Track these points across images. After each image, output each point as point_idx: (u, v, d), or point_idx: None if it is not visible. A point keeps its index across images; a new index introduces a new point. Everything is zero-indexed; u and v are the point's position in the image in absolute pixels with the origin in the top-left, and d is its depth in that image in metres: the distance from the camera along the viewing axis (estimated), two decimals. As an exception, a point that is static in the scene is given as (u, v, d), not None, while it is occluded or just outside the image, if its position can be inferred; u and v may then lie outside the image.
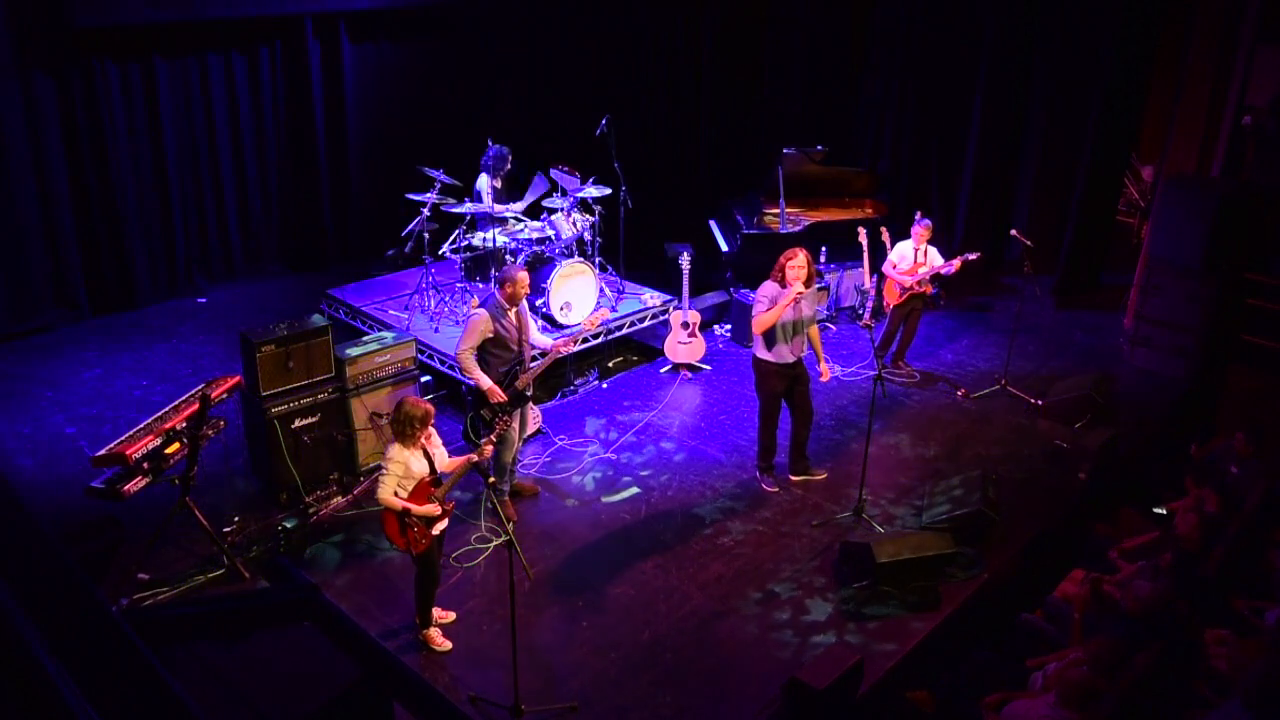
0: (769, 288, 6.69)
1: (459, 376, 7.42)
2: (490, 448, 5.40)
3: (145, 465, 5.71)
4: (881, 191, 10.77)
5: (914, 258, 8.51)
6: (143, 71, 9.34)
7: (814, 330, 6.97)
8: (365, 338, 7.38)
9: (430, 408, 5.29)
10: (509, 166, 8.87)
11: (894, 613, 5.93)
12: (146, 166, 9.61)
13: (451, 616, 5.77)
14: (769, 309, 6.60)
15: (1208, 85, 8.85)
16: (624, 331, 8.85)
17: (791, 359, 6.79)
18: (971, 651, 5.60)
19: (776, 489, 7.14)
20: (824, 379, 7.15)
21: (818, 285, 7.01)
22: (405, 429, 5.20)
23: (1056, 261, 10.67)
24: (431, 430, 5.35)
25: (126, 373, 8.59)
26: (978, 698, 5.21)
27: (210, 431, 6.11)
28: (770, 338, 6.71)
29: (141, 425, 5.92)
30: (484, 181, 8.75)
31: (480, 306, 6.38)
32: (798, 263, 6.58)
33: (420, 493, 5.26)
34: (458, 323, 8.36)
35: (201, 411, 5.95)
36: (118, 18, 8.79)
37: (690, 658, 5.57)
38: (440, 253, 8.77)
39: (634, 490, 6.94)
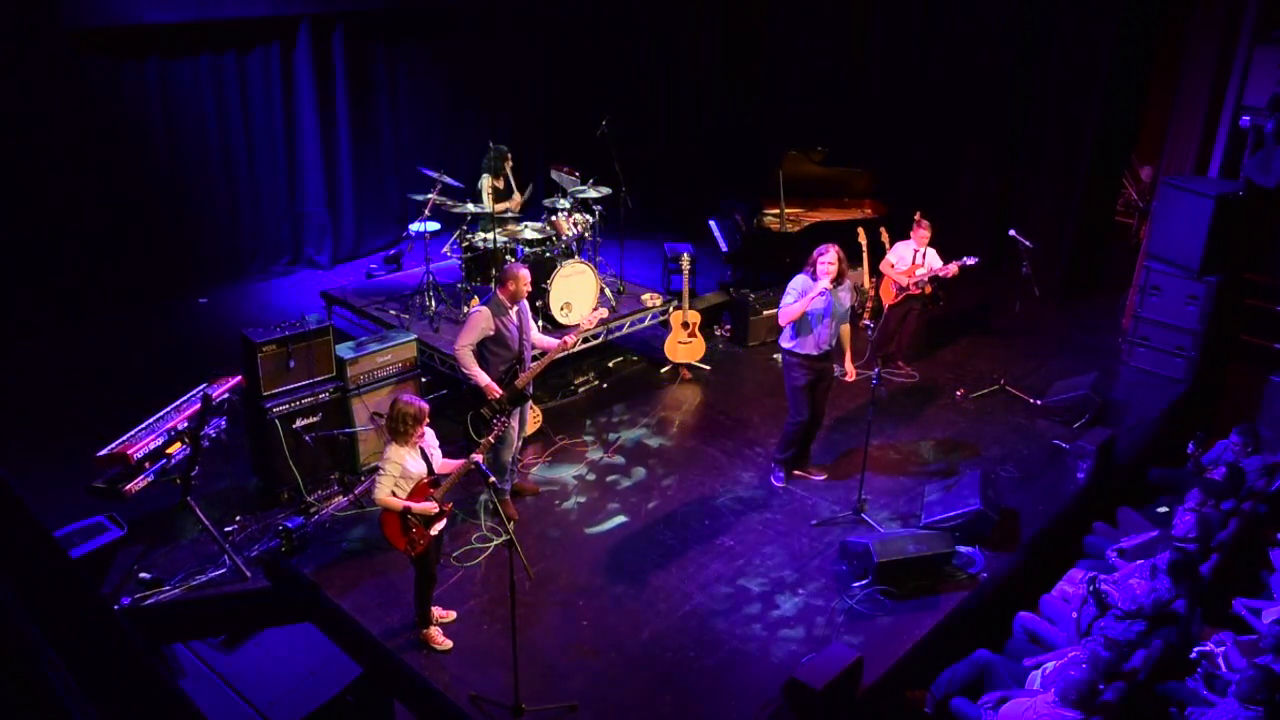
0: (798, 281, 6.72)
1: (459, 377, 7.42)
2: (489, 446, 5.41)
3: (146, 465, 5.72)
4: (881, 191, 10.78)
5: (913, 259, 8.52)
6: (142, 72, 9.35)
7: (845, 329, 6.95)
8: (365, 337, 7.39)
9: (424, 405, 5.30)
10: (510, 166, 8.88)
11: (893, 613, 5.94)
12: (146, 167, 9.61)
13: (452, 616, 5.78)
14: (796, 301, 6.62)
15: (1207, 85, 8.85)
16: (624, 331, 8.85)
17: (816, 351, 6.75)
18: (971, 651, 5.60)
19: (784, 485, 7.15)
20: (848, 379, 7.12)
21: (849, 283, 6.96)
22: (400, 428, 5.20)
23: (1056, 261, 10.67)
24: (428, 430, 5.36)
25: (127, 372, 8.59)
26: (977, 698, 5.23)
27: (211, 431, 6.12)
28: (797, 328, 6.72)
29: (142, 425, 5.93)
30: (485, 182, 8.76)
31: (481, 304, 6.39)
32: (828, 259, 6.58)
33: (419, 493, 5.26)
34: (458, 323, 8.36)
35: (202, 411, 5.96)
36: (117, 18, 8.79)
37: (690, 657, 5.58)
38: (441, 253, 8.78)
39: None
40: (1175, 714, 5.07)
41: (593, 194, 8.65)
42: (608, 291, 8.85)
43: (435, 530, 5.37)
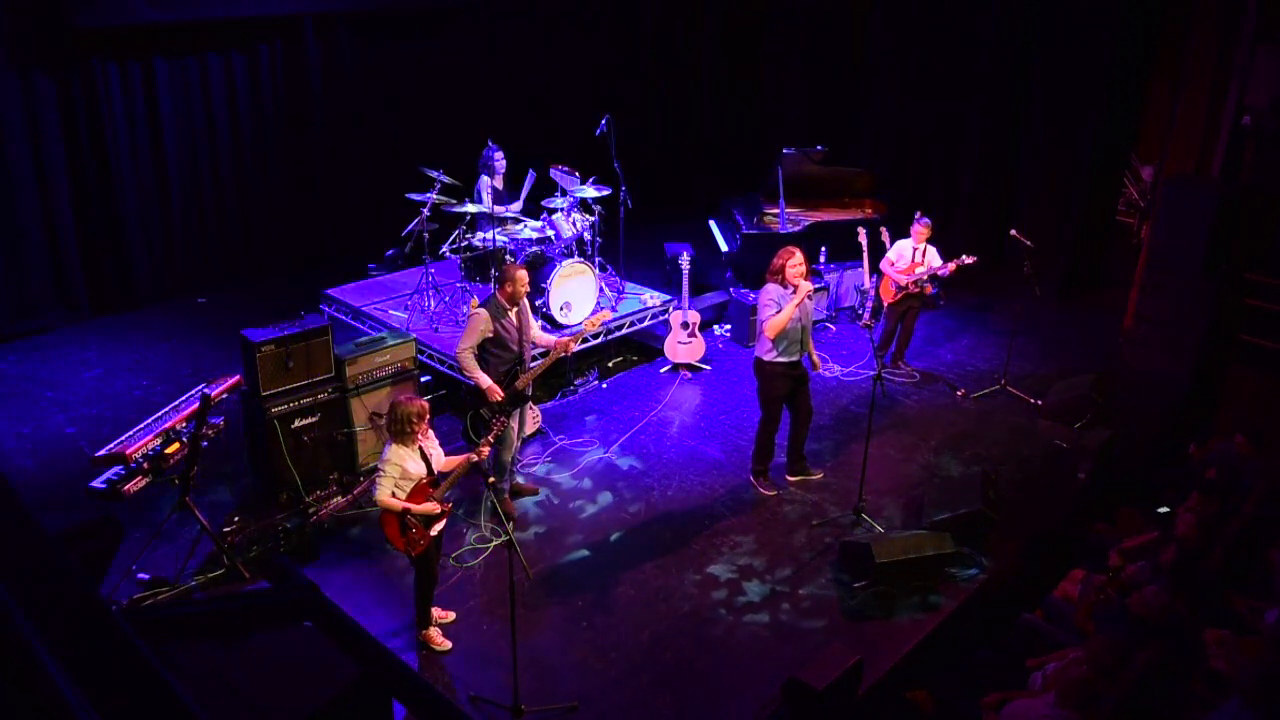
0: (773, 290, 6.69)
1: (458, 376, 7.42)
2: (488, 447, 5.40)
3: (145, 465, 5.70)
4: (881, 191, 10.77)
5: (912, 257, 8.52)
6: (143, 71, 9.34)
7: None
8: (364, 337, 7.37)
9: (425, 404, 5.30)
10: (506, 166, 8.87)
11: (894, 613, 5.93)
12: (147, 166, 9.60)
13: (451, 616, 5.77)
14: (779, 311, 6.61)
15: (1208, 85, 8.85)
16: (624, 331, 8.84)
17: (797, 357, 6.80)
18: (971, 651, 5.60)
19: (773, 493, 7.13)
20: (816, 369, 7.14)
21: (816, 285, 7.01)
22: (401, 428, 5.20)
23: (1056, 261, 10.67)
24: (428, 430, 5.35)
25: (126, 373, 8.58)
26: (978, 698, 5.21)
27: (210, 431, 6.10)
28: (779, 338, 6.72)
29: (141, 425, 5.92)
30: (484, 182, 8.76)
31: (480, 306, 6.39)
32: (796, 262, 6.61)
33: (418, 493, 5.26)
34: (457, 323, 8.36)
35: (201, 411, 5.95)
36: (118, 18, 8.78)
37: (690, 658, 5.57)
38: (440, 253, 8.77)
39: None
40: (1176, 716, 5.06)
41: (593, 194, 8.64)
42: (608, 291, 8.84)
43: (435, 530, 5.37)
